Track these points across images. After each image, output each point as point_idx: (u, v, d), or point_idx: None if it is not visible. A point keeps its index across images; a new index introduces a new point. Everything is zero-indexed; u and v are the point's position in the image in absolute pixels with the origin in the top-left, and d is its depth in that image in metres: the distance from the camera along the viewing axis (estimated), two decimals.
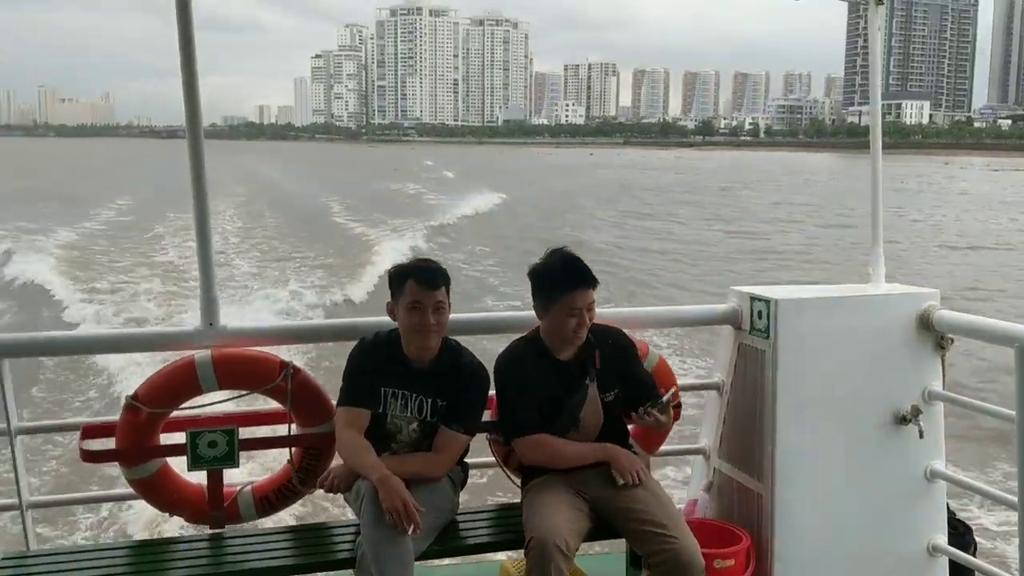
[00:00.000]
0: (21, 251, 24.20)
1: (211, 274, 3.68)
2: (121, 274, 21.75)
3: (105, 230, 31.77)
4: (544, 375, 3.48)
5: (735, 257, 28.28)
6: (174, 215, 34.63)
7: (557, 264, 3.49)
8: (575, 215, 40.67)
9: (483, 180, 58.50)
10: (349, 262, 23.71)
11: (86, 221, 33.89)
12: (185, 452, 3.60)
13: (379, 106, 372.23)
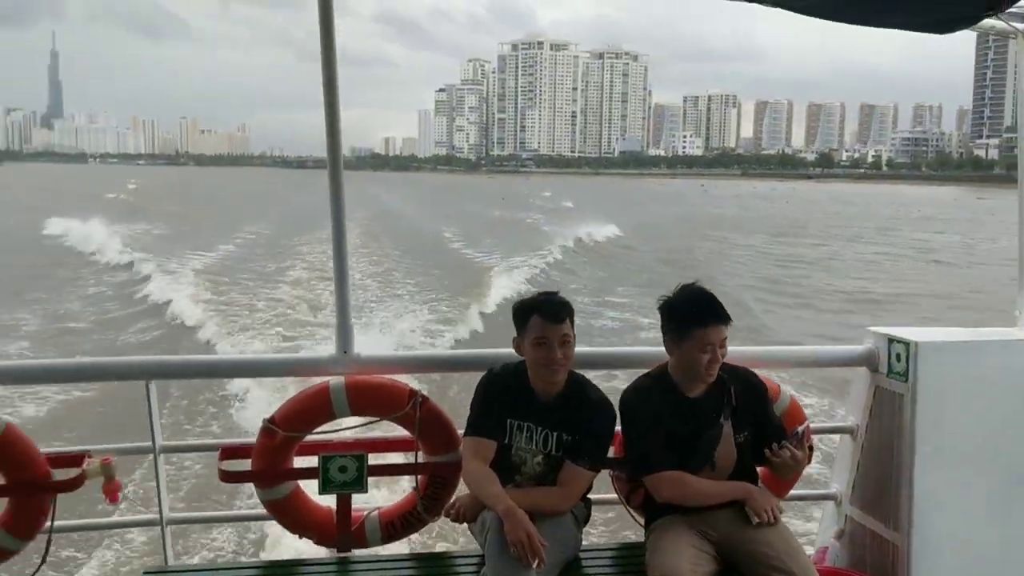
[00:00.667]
0: (160, 274, 25.20)
1: (347, 303, 3.76)
2: (251, 298, 22.41)
3: (238, 254, 32.88)
4: (674, 412, 3.41)
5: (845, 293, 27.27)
6: (302, 241, 35.70)
7: (690, 298, 3.43)
8: (689, 245, 40.05)
9: (600, 210, 58.23)
10: (466, 290, 23.87)
11: (221, 245, 35.18)
12: (317, 476, 3.67)
13: (498, 138, 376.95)
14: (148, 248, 32.63)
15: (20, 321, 19.18)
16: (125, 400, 10.76)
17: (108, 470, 3.70)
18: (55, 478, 3.63)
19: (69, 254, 31.52)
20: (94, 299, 22.45)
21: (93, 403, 11.33)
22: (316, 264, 28.94)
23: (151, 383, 3.78)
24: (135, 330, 18.50)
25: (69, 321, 19.55)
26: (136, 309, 20.87)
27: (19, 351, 16.17)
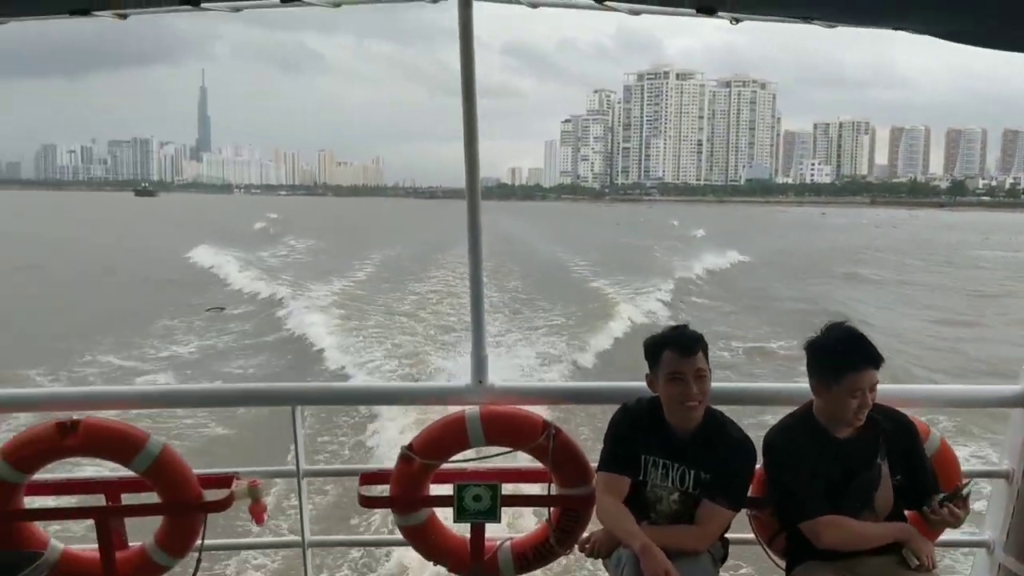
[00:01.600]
0: (295, 300, 25.91)
1: (482, 333, 3.78)
2: (380, 324, 22.83)
3: (370, 281, 33.64)
4: (824, 454, 3.27)
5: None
6: (430, 267, 36.33)
7: (840, 340, 3.28)
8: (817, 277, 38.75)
9: (727, 238, 57.11)
10: (590, 319, 23.72)
11: (354, 272, 36.11)
12: (452, 504, 3.69)
13: (623, 167, 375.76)
14: (284, 275, 33.77)
15: (163, 346, 20.07)
16: (258, 423, 11.15)
17: (255, 492, 3.82)
18: (206, 498, 3.76)
19: (211, 280, 32.88)
20: (231, 325, 23.28)
21: (237, 426, 11.68)
22: (444, 290, 29.38)
23: (297, 409, 3.89)
24: (269, 356, 19.08)
25: (209, 346, 20.33)
26: (272, 335, 21.54)
27: (165, 376, 16.89)
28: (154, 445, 3.68)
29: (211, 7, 3.43)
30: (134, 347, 19.59)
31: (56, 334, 20.36)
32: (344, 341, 19.80)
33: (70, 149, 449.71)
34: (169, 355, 19.11)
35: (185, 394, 4.53)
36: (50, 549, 3.80)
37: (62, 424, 3.64)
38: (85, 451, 3.71)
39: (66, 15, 3.41)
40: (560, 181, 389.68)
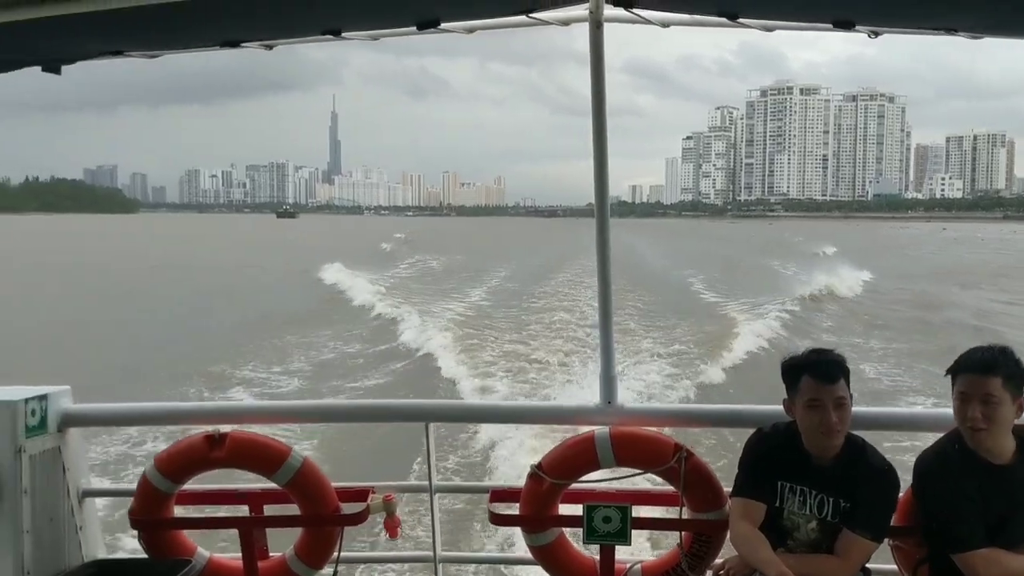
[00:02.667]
0: (418, 318, 26.25)
1: (611, 353, 3.74)
2: (501, 343, 22.91)
3: (490, 299, 33.87)
4: (982, 482, 3.06)
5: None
6: (548, 286, 36.35)
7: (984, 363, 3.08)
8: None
9: (856, 256, 54.95)
10: (711, 338, 23.18)
11: (474, 290, 36.49)
12: (581, 524, 3.65)
13: (746, 183, 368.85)
14: (406, 293, 34.36)
15: (292, 361, 20.67)
16: (378, 436, 11.31)
17: (390, 506, 3.87)
18: (343, 511, 3.83)
19: (339, 299, 33.70)
20: (358, 342, 23.79)
21: (359, 439, 11.88)
22: (564, 308, 29.31)
23: (430, 425, 3.93)
24: (390, 372, 19.40)
25: (337, 362, 20.80)
26: (395, 352, 21.90)
27: (297, 390, 17.39)
28: (295, 459, 3.79)
29: (351, 36, 3.52)
30: (268, 361, 20.30)
31: (201, 348, 21.31)
32: (463, 358, 19.95)
33: (212, 174, 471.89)
34: (298, 370, 19.69)
35: (324, 409, 4.66)
36: (197, 556, 3.95)
37: (210, 436, 3.78)
38: (231, 463, 3.84)
39: (217, 47, 3.58)
40: (681, 198, 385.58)
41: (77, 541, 3.93)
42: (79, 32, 3.27)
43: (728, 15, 3.29)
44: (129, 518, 3.92)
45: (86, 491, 4.03)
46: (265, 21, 3.41)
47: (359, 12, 3.37)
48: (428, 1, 3.29)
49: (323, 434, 11.72)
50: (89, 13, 2.88)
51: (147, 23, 3.20)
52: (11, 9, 2.89)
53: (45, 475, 3.76)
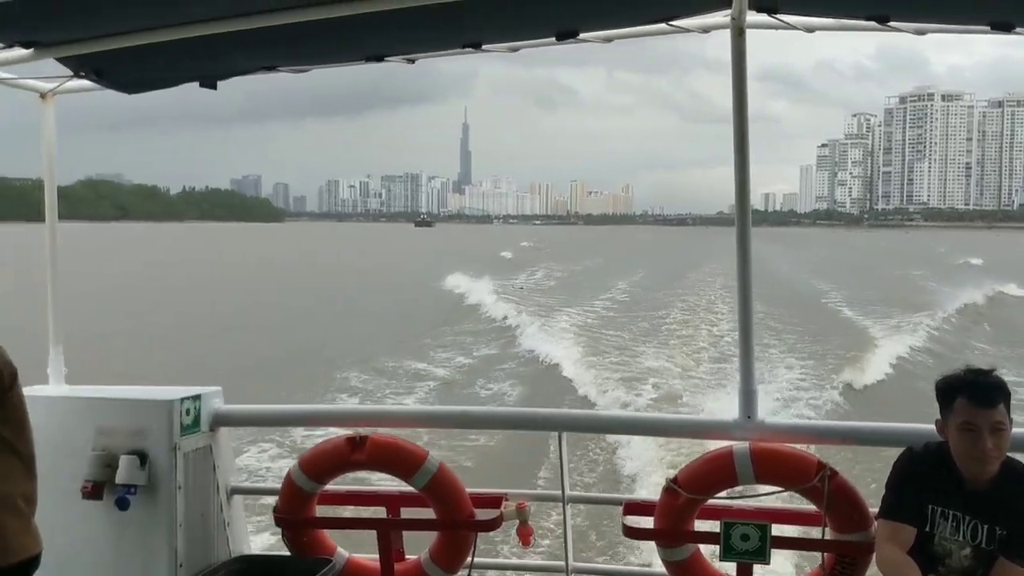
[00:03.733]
0: (541, 327, 26.13)
1: (752, 367, 3.62)
2: (626, 352, 22.62)
3: (615, 308, 33.57)
4: None
5: None
6: (674, 296, 35.79)
7: None
8: None
9: (1004, 268, 51.75)
10: (846, 352, 22.22)
11: (599, 299, 36.21)
12: (718, 541, 3.54)
13: (883, 192, 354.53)
14: (532, 302, 34.42)
15: (421, 368, 21.00)
16: (509, 444, 11.32)
17: (523, 514, 3.86)
18: (477, 517, 3.84)
19: (462, 307, 34.07)
20: (479, 349, 23.95)
21: (489, 446, 11.92)
22: (692, 317, 28.81)
23: (563, 435, 3.90)
24: (515, 380, 19.43)
25: (459, 369, 21.00)
26: (520, 359, 21.96)
27: (423, 397, 17.64)
28: (432, 463, 3.83)
29: (491, 49, 3.54)
30: (397, 366, 20.72)
31: (342, 353, 21.97)
32: (587, 367, 19.79)
33: (350, 184, 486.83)
34: (426, 375, 20.02)
35: (459, 416, 4.70)
36: (337, 555, 4.04)
37: (352, 439, 3.86)
38: (371, 465, 3.92)
39: (361, 62, 3.66)
40: (815, 206, 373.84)
41: (225, 536, 4.07)
42: (236, 49, 3.41)
43: (878, 18, 3.15)
44: (274, 516, 4.04)
45: (234, 488, 4.18)
46: (408, 36, 3.46)
47: (500, 25, 3.38)
48: (568, 12, 3.27)
49: (448, 439, 11.88)
50: (245, 31, 2.99)
51: (298, 39, 3.30)
52: (175, 28, 3.04)
53: (197, 472, 3.91)
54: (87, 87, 3.85)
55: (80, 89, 3.92)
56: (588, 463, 11.72)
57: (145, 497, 3.72)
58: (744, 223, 3.52)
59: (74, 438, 3.73)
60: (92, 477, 3.70)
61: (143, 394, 3.97)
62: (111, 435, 3.76)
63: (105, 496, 3.70)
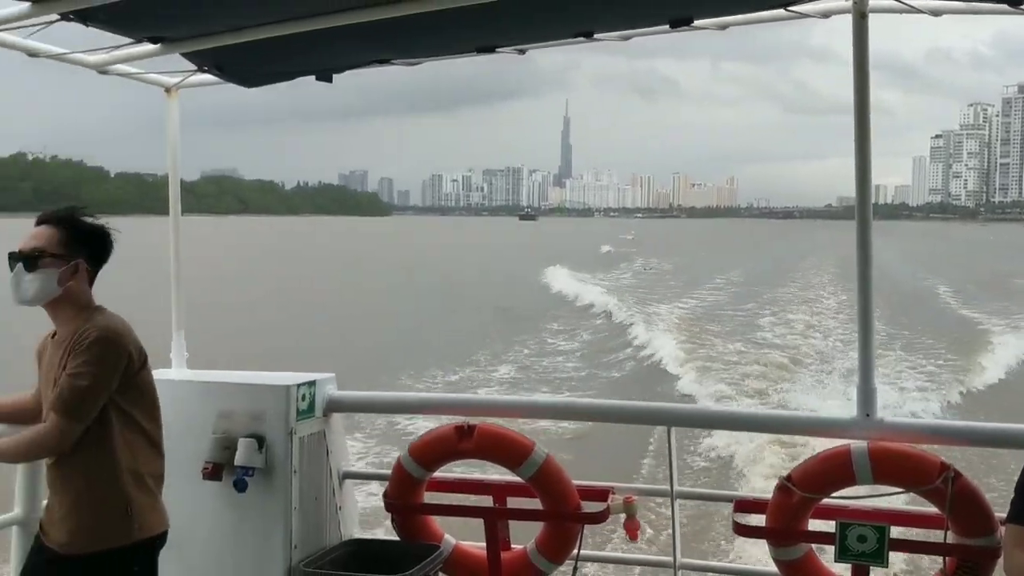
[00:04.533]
0: (642, 321, 25.82)
1: (871, 364, 3.47)
2: (728, 347, 22.11)
3: (717, 301, 32.97)
4: None
5: None
6: (777, 290, 34.94)
7: None
8: None
9: None
10: (961, 352, 21.25)
11: (700, 292, 35.68)
12: (833, 541, 3.42)
13: (1001, 184, 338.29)
14: (633, 295, 34.11)
15: (523, 360, 21.03)
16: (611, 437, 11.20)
17: (630, 508, 3.82)
18: (584, 510, 3.81)
19: (560, 300, 33.97)
20: (578, 342, 23.82)
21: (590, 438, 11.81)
22: (794, 315, 28.05)
23: (671, 429, 3.83)
24: (615, 373, 19.26)
25: (558, 362, 20.92)
26: (620, 354, 21.77)
27: (528, 388, 17.64)
28: (539, 454, 3.81)
29: (603, 38, 3.49)
30: (499, 357, 20.84)
31: (447, 342, 22.26)
32: (689, 360, 19.49)
33: (453, 178, 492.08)
34: (528, 367, 20.06)
35: (567, 407, 4.69)
36: (444, 542, 4.06)
37: (460, 427, 3.88)
38: (478, 454, 3.93)
39: (473, 53, 3.66)
40: (929, 199, 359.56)
41: (337, 520, 4.14)
42: (352, 42, 3.45)
43: (1011, 0, 2.96)
44: (384, 501, 4.09)
45: (346, 473, 4.25)
46: (519, 26, 3.44)
47: (613, 13, 3.33)
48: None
49: (549, 430, 11.83)
50: (362, 24, 3.02)
51: (411, 32, 3.32)
52: (294, 21, 3.09)
53: (311, 456, 3.99)
54: (209, 81, 3.96)
55: (202, 83, 4.03)
56: (685, 458, 11.56)
57: (262, 480, 3.81)
58: (865, 216, 3.39)
59: (196, 421, 3.84)
60: (212, 459, 3.81)
61: (261, 379, 4.07)
62: (230, 418, 3.86)
63: (224, 477, 3.80)
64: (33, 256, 2.86)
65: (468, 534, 4.20)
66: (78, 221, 2.97)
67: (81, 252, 2.91)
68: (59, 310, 2.93)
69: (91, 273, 2.96)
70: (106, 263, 3.02)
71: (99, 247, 2.99)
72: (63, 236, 2.91)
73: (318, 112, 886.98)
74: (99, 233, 2.99)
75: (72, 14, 2.90)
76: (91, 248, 2.96)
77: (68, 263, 2.88)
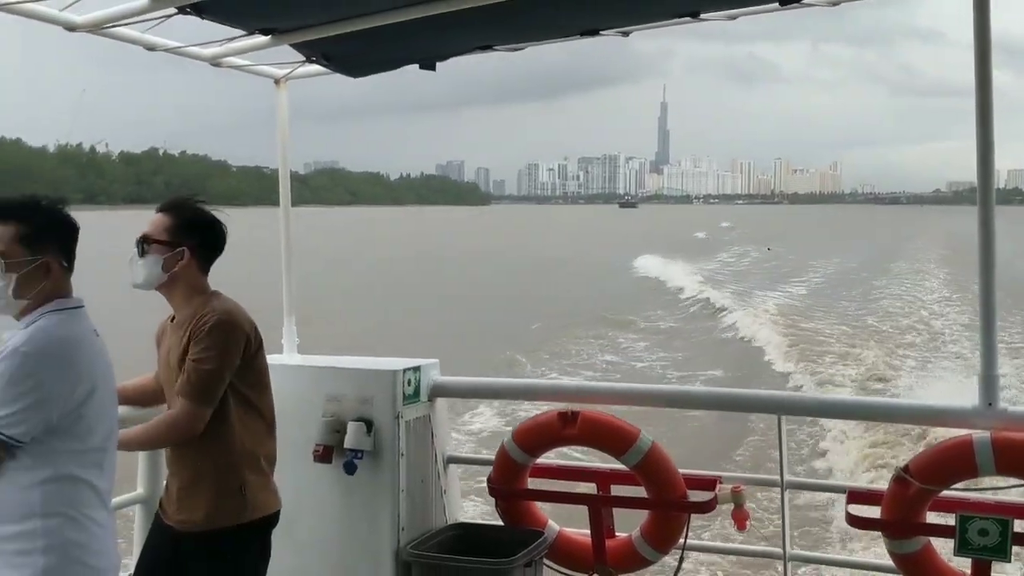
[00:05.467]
0: (740, 308, 25.31)
1: (994, 351, 3.30)
2: (831, 335, 21.35)
3: (818, 290, 31.93)
4: None
5: None
6: (883, 278, 33.74)
7: None
8: None
9: None
10: None
11: (802, 280, 34.70)
12: (952, 535, 3.28)
13: None
14: (731, 283, 33.39)
15: (620, 346, 20.81)
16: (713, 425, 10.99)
17: (738, 498, 3.74)
18: (690, 499, 3.75)
19: (655, 288, 33.47)
20: (673, 332, 23.45)
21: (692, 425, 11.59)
22: (900, 302, 26.99)
23: (783, 418, 3.73)
24: (712, 363, 18.86)
25: (644, 354, 20.63)
26: (719, 342, 21.36)
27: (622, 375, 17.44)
28: (644, 442, 3.76)
29: (710, 18, 3.40)
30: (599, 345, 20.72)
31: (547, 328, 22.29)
32: (790, 348, 18.97)
33: (549, 167, 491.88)
34: (625, 353, 19.89)
35: (674, 394, 4.62)
36: (548, 528, 4.06)
37: (564, 414, 3.86)
38: (582, 441, 3.91)
39: (576, 37, 3.61)
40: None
41: (442, 504, 4.18)
42: (455, 29, 3.45)
43: None
44: (488, 486, 4.10)
45: (450, 457, 4.28)
46: (623, 7, 3.38)
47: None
48: None
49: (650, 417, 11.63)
50: (467, 10, 3.01)
51: (515, 16, 3.30)
52: (400, 10, 3.10)
53: (417, 440, 4.03)
54: (316, 72, 4.01)
55: (309, 74, 4.08)
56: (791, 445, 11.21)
57: (370, 463, 3.86)
58: (987, 198, 3.23)
59: (306, 404, 3.92)
60: (323, 441, 3.88)
61: (368, 364, 4.12)
62: (340, 402, 3.93)
63: (334, 460, 3.86)
64: (142, 242, 2.96)
65: (571, 521, 4.18)
66: (186, 210, 3.03)
67: (189, 239, 2.97)
68: (172, 295, 3.02)
69: (202, 260, 3.01)
70: (221, 252, 3.07)
71: (208, 235, 3.03)
72: (171, 224, 2.98)
73: (412, 104, 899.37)
74: (206, 221, 3.04)
75: (189, 7, 2.97)
76: (200, 236, 3.00)
77: (174, 250, 2.95)
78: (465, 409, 12.17)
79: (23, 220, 2.42)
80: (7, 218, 2.41)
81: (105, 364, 2.51)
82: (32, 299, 2.42)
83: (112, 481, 2.53)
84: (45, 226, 2.45)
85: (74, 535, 2.35)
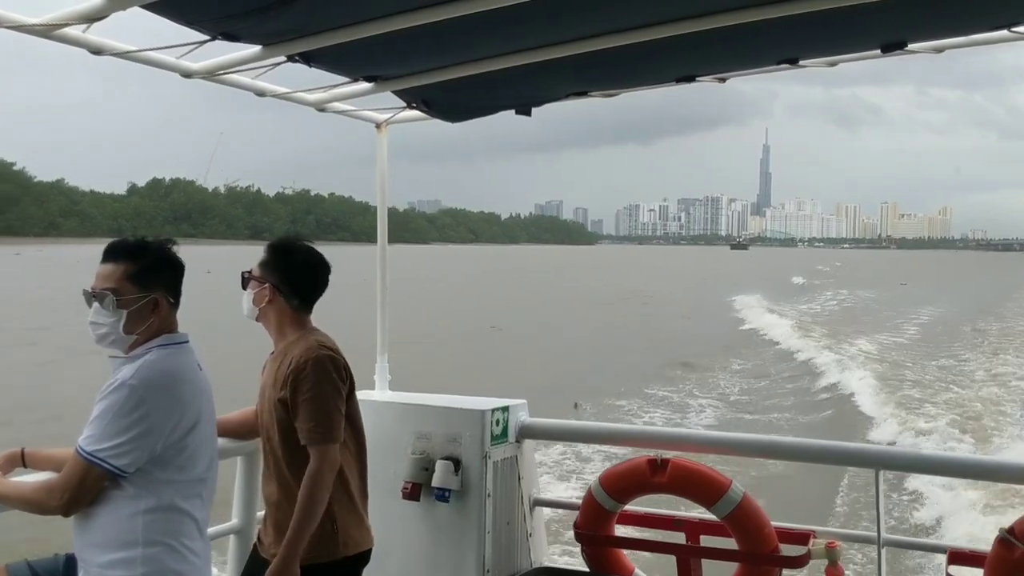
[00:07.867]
0: (834, 357, 24.17)
1: None
2: (930, 387, 20.37)
3: (917, 339, 30.65)
4: None
5: None
6: (995, 327, 32.16)
7: None
8: None
9: None
10: None
11: (899, 329, 33.37)
12: None
13: None
14: (826, 329, 32.23)
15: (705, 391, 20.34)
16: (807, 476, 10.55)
17: (833, 554, 3.59)
18: (782, 553, 3.61)
19: (749, 333, 32.58)
20: (766, 377, 22.78)
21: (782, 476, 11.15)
22: (1002, 353, 25.58)
23: (880, 472, 3.57)
24: (807, 410, 18.22)
25: (737, 399, 20.07)
26: (811, 389, 20.63)
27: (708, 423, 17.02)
28: (735, 492, 3.65)
29: (809, 64, 3.34)
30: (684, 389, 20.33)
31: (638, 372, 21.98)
32: (886, 400, 18.08)
33: (650, 208, 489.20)
34: (710, 397, 19.44)
35: (767, 445, 4.46)
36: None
37: (653, 460, 3.77)
38: (671, 489, 3.80)
39: (672, 83, 3.59)
40: None
41: (527, 547, 4.12)
42: (551, 76, 3.48)
43: None
44: (574, 531, 4.03)
45: (536, 500, 4.23)
46: (721, 54, 3.34)
47: (820, 38, 3.17)
48: (895, 22, 2.99)
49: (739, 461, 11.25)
50: (563, 58, 3.03)
51: (611, 63, 3.30)
52: (496, 58, 3.14)
53: (504, 481, 4.00)
54: (416, 117, 4.06)
55: (409, 119, 4.13)
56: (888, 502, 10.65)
57: (457, 502, 3.85)
58: None
59: (396, 441, 3.93)
60: (411, 478, 3.88)
61: (457, 403, 4.12)
62: (429, 440, 3.93)
63: (422, 498, 3.87)
64: (244, 277, 3.06)
65: (658, 570, 4.07)
66: (277, 248, 3.09)
67: (272, 277, 3.01)
68: (267, 327, 3.08)
69: (290, 297, 3.01)
70: (314, 290, 3.06)
71: (291, 272, 3.03)
72: (264, 260, 3.06)
73: (511, 146, 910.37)
74: (295, 260, 3.06)
75: (298, 55, 3.06)
76: (283, 274, 3.02)
77: (261, 286, 3.02)
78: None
79: (134, 259, 2.52)
80: (119, 258, 2.53)
81: (208, 397, 2.59)
82: (141, 334, 2.51)
83: (209, 511, 2.59)
84: (154, 266, 2.56)
85: (173, 564, 2.42)
